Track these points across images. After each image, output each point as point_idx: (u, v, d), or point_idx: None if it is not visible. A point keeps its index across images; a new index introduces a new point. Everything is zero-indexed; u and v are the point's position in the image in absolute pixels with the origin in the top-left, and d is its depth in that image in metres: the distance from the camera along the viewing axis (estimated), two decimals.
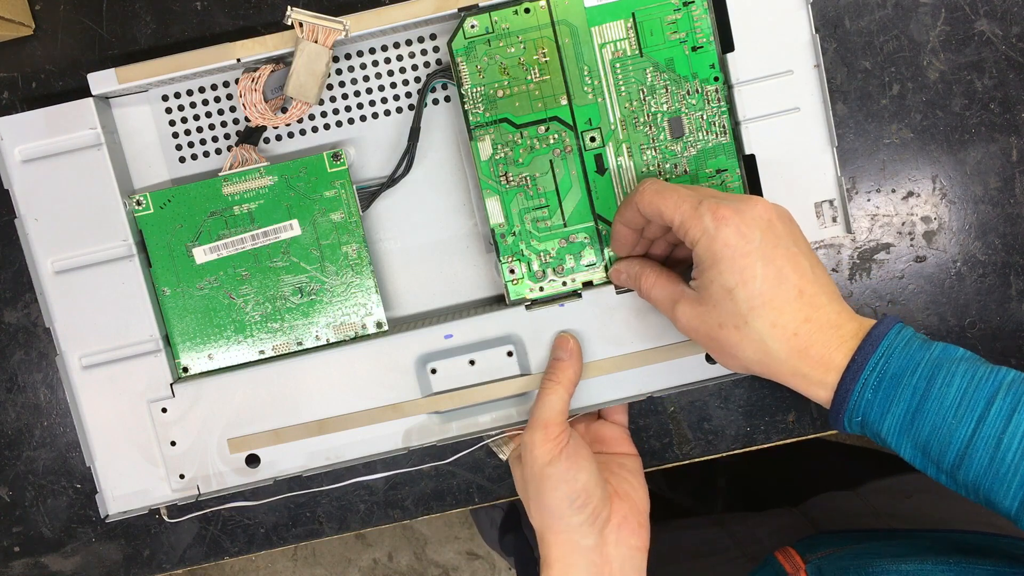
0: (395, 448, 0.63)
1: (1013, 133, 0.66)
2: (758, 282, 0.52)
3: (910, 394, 0.51)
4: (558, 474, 0.58)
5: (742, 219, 0.52)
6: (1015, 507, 0.49)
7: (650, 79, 0.62)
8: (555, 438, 0.58)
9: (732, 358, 0.55)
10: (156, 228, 0.63)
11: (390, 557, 1.70)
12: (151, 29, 0.66)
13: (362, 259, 0.63)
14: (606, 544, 0.60)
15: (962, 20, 0.66)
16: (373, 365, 0.63)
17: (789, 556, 0.70)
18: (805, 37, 0.61)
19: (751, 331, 0.53)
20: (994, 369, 0.50)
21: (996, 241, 0.67)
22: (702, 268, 0.54)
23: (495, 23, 0.61)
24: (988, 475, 0.49)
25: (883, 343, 0.52)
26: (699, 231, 0.53)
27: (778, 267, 0.52)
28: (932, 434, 0.50)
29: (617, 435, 0.66)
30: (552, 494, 0.58)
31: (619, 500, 0.61)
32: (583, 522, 0.59)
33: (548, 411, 0.59)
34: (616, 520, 0.60)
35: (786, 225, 0.54)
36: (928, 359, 0.51)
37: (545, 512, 0.59)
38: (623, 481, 0.63)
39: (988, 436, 0.49)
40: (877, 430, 0.52)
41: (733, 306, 0.53)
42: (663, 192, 0.55)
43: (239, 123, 0.64)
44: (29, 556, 0.72)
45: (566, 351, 0.61)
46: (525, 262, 0.63)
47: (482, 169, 0.62)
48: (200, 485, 0.63)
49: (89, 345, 0.63)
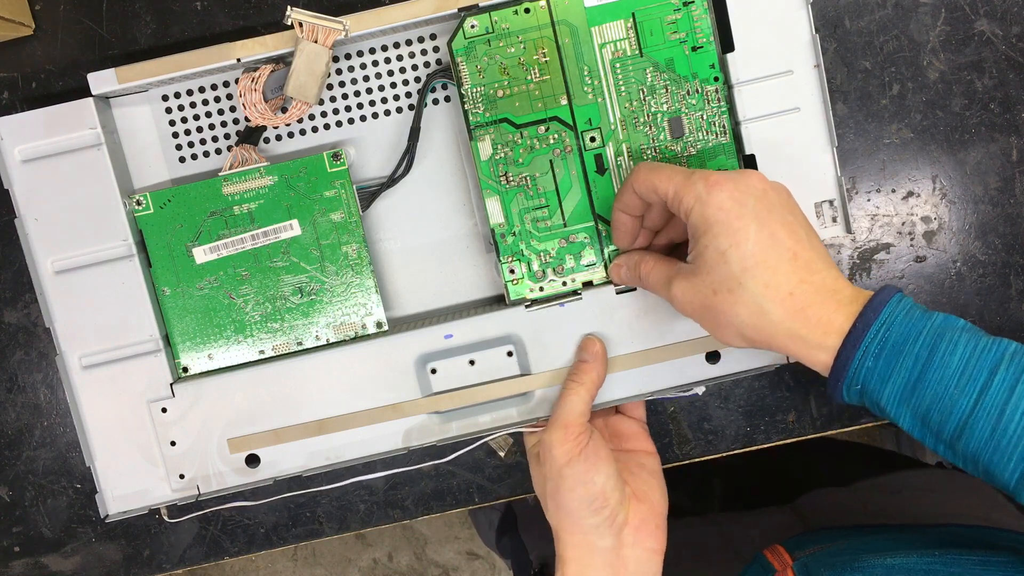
0: (395, 448, 0.63)
1: (1013, 133, 0.66)
2: (751, 243, 0.52)
3: (912, 363, 0.50)
4: (576, 475, 0.58)
5: (735, 185, 0.52)
6: (1015, 479, 0.48)
7: (650, 79, 0.62)
8: (575, 438, 0.58)
9: (728, 326, 0.54)
10: (156, 228, 0.63)
11: (390, 557, 1.70)
12: (151, 29, 0.66)
13: (362, 259, 0.63)
14: (623, 546, 0.60)
15: (962, 20, 0.66)
16: (373, 365, 0.63)
17: (777, 554, 0.70)
18: (805, 37, 0.61)
19: (745, 292, 0.52)
20: (996, 340, 0.50)
21: (996, 241, 0.67)
22: (696, 236, 0.54)
23: (495, 23, 0.61)
24: (989, 447, 0.49)
25: (885, 310, 0.51)
26: (692, 198, 0.53)
27: (772, 230, 0.52)
28: (933, 404, 0.50)
29: (635, 430, 0.66)
30: (569, 495, 0.58)
31: (637, 502, 0.61)
32: (600, 524, 0.59)
33: (569, 412, 0.59)
34: (634, 522, 0.60)
35: (781, 196, 0.54)
36: (930, 328, 0.50)
37: (562, 512, 0.60)
38: (642, 482, 0.62)
39: (990, 407, 0.48)
40: (876, 399, 0.52)
41: (726, 268, 0.52)
42: (656, 168, 0.55)
43: (239, 123, 0.64)
44: (29, 556, 0.72)
45: (591, 353, 0.62)
46: (525, 262, 0.63)
47: (482, 169, 0.62)
48: (200, 485, 0.63)
49: (89, 345, 0.62)
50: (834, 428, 0.70)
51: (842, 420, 0.69)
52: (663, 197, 0.55)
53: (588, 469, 0.58)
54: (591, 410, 0.61)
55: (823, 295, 0.52)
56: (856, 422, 0.69)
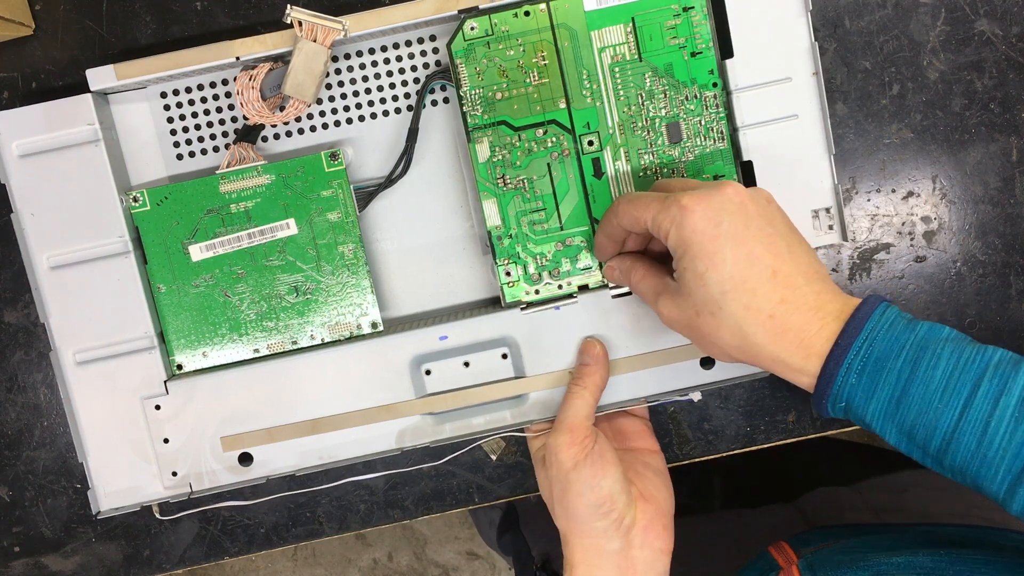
0: (388, 449, 0.63)
1: (1013, 133, 0.66)
2: (728, 265, 0.51)
3: (895, 378, 0.50)
4: (583, 480, 0.58)
5: (708, 204, 0.52)
6: (1003, 491, 0.48)
7: (649, 84, 0.61)
8: (580, 442, 0.58)
9: (713, 346, 0.54)
10: (152, 225, 0.63)
11: (390, 557, 1.70)
12: (151, 29, 0.66)
13: (358, 259, 0.63)
14: (631, 547, 0.60)
15: (962, 20, 0.65)
16: (367, 365, 0.63)
17: (782, 550, 0.70)
18: (804, 44, 0.61)
19: (726, 316, 0.52)
20: (980, 349, 0.49)
21: (996, 241, 0.67)
22: (676, 258, 0.53)
23: (495, 25, 0.61)
24: (975, 459, 0.48)
25: (868, 324, 0.51)
26: (668, 222, 0.52)
27: (749, 249, 0.51)
28: (918, 419, 0.49)
29: (639, 428, 0.66)
30: (576, 500, 0.58)
31: (644, 503, 0.61)
32: (608, 527, 0.59)
33: (574, 415, 0.59)
34: (642, 523, 0.60)
35: (759, 206, 0.53)
36: (913, 341, 0.50)
37: (570, 516, 0.59)
38: (648, 483, 0.62)
39: (975, 420, 0.48)
40: (861, 415, 0.52)
41: (706, 291, 0.52)
42: (634, 199, 0.55)
43: (237, 121, 0.64)
44: (29, 556, 0.72)
45: (592, 356, 0.61)
46: (521, 264, 0.63)
47: (480, 171, 0.62)
48: (192, 483, 0.63)
49: (83, 341, 0.63)
50: (834, 428, 0.69)
51: (842, 421, 0.69)
52: (644, 226, 0.55)
53: (595, 473, 0.58)
54: (595, 413, 0.61)
55: (804, 314, 0.51)
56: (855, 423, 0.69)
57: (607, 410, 0.63)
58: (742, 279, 0.51)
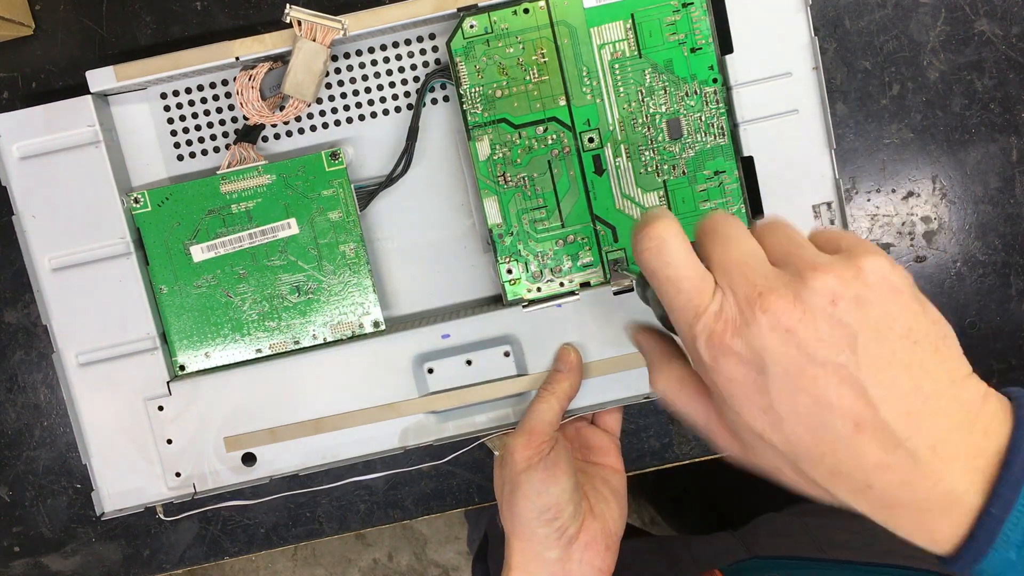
0: (391, 448, 0.63)
1: (1013, 133, 0.66)
2: (786, 424, 0.39)
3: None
4: (532, 483, 0.58)
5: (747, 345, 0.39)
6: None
7: (649, 80, 0.61)
8: (536, 446, 0.58)
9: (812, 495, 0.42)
10: (154, 226, 0.63)
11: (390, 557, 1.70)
12: (151, 29, 0.66)
13: (360, 258, 0.63)
14: (569, 560, 0.59)
15: (962, 20, 0.65)
16: (370, 364, 0.63)
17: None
18: (804, 39, 0.61)
19: (810, 481, 0.40)
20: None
21: (996, 241, 0.67)
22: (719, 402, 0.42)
23: (494, 23, 0.61)
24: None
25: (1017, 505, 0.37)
26: (696, 359, 0.42)
27: (814, 396, 0.38)
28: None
29: (606, 444, 0.65)
30: (523, 502, 0.58)
31: (592, 519, 0.60)
32: (549, 535, 0.58)
33: (535, 419, 0.59)
34: (584, 539, 0.59)
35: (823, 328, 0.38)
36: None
37: (515, 518, 0.59)
38: (601, 500, 0.62)
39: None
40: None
41: (774, 451, 0.40)
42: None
43: (237, 121, 0.64)
44: (29, 556, 0.72)
45: (566, 363, 0.61)
46: (523, 262, 0.63)
47: (480, 169, 0.62)
48: (196, 483, 0.63)
49: (86, 342, 0.62)
50: None
51: None
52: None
53: (545, 479, 0.58)
54: (560, 420, 0.61)
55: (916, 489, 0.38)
56: None
57: (607, 408, 0.64)
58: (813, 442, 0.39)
